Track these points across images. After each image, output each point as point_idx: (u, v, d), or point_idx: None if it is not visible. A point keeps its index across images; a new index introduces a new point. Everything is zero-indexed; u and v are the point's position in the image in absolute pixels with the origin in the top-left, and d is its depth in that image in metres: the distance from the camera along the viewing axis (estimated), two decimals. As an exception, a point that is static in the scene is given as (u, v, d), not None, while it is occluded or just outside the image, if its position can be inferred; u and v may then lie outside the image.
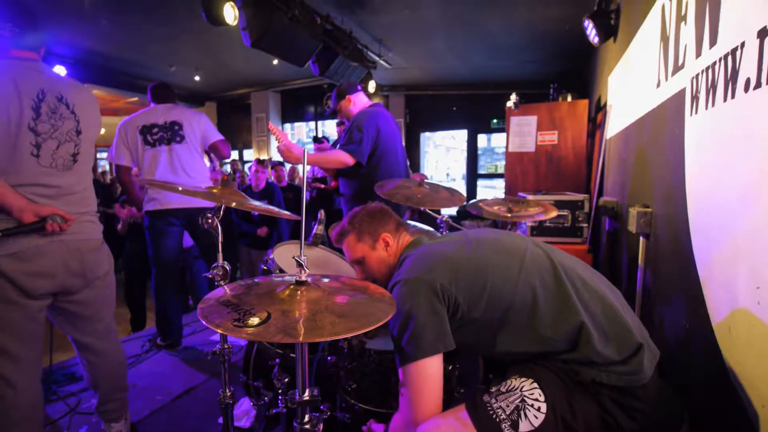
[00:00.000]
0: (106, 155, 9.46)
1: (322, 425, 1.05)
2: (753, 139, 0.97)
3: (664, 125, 1.68)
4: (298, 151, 2.29)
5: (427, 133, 8.27)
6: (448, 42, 5.19)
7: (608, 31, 2.98)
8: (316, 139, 5.60)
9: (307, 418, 1.03)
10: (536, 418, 1.00)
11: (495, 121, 7.24)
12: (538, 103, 4.12)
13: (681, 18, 1.48)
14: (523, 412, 1.01)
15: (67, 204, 1.57)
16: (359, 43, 4.81)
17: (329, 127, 8.39)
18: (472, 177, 7.73)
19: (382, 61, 5.59)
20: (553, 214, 2.13)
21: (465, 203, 2.30)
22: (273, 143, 8.11)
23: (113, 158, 2.76)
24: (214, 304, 0.93)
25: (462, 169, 8.41)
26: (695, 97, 1.31)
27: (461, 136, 8.17)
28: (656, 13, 1.84)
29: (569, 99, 4.05)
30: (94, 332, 1.74)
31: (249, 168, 4.85)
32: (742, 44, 0.99)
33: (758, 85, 0.92)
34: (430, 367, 1.06)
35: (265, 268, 1.82)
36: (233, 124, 8.86)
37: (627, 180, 2.40)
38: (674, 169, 1.52)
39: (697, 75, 1.29)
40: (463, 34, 4.95)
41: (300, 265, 0.97)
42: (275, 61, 5.26)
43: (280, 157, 2.74)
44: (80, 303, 1.67)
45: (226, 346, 1.50)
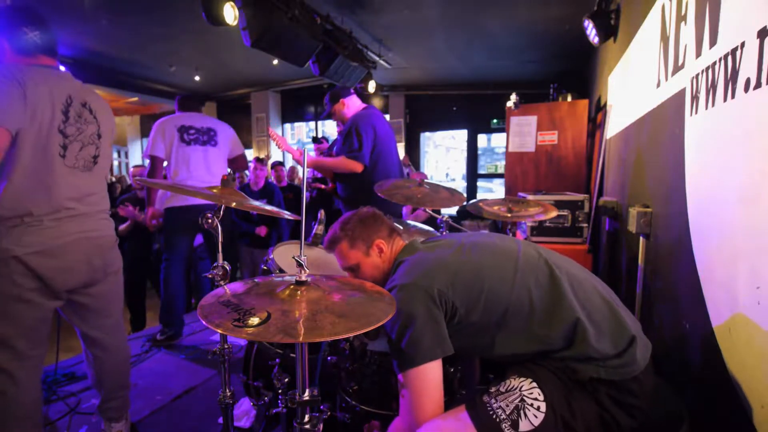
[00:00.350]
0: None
1: (322, 425, 1.05)
2: (753, 139, 0.97)
3: (664, 125, 1.68)
4: (297, 155, 2.30)
5: (427, 133, 8.27)
6: (448, 42, 5.18)
7: (608, 31, 2.97)
8: (316, 140, 5.58)
9: (307, 418, 1.03)
10: (536, 417, 1.01)
11: (495, 121, 7.24)
12: (538, 103, 4.12)
13: (681, 18, 1.48)
14: (522, 412, 1.01)
15: (89, 204, 1.64)
16: (359, 43, 4.81)
17: (329, 128, 8.38)
18: (472, 177, 7.73)
19: (382, 61, 5.59)
20: (553, 214, 2.13)
21: (465, 203, 2.30)
22: (273, 143, 8.08)
23: (149, 151, 2.92)
24: (214, 304, 0.93)
25: (462, 169, 8.41)
26: (695, 97, 1.31)
27: (461, 136, 8.17)
28: (656, 13, 1.84)
29: (569, 99, 4.04)
30: (103, 327, 1.79)
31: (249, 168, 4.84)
32: (742, 44, 0.99)
33: (758, 85, 0.92)
34: (430, 372, 1.07)
35: (265, 268, 1.82)
36: (233, 124, 8.66)
37: (627, 180, 2.40)
38: (674, 169, 1.52)
39: (697, 75, 1.29)
40: (463, 34, 4.95)
41: (300, 265, 0.97)
42: (275, 61, 5.25)
43: (279, 157, 2.75)
44: (93, 296, 1.73)
45: (226, 346, 1.50)
